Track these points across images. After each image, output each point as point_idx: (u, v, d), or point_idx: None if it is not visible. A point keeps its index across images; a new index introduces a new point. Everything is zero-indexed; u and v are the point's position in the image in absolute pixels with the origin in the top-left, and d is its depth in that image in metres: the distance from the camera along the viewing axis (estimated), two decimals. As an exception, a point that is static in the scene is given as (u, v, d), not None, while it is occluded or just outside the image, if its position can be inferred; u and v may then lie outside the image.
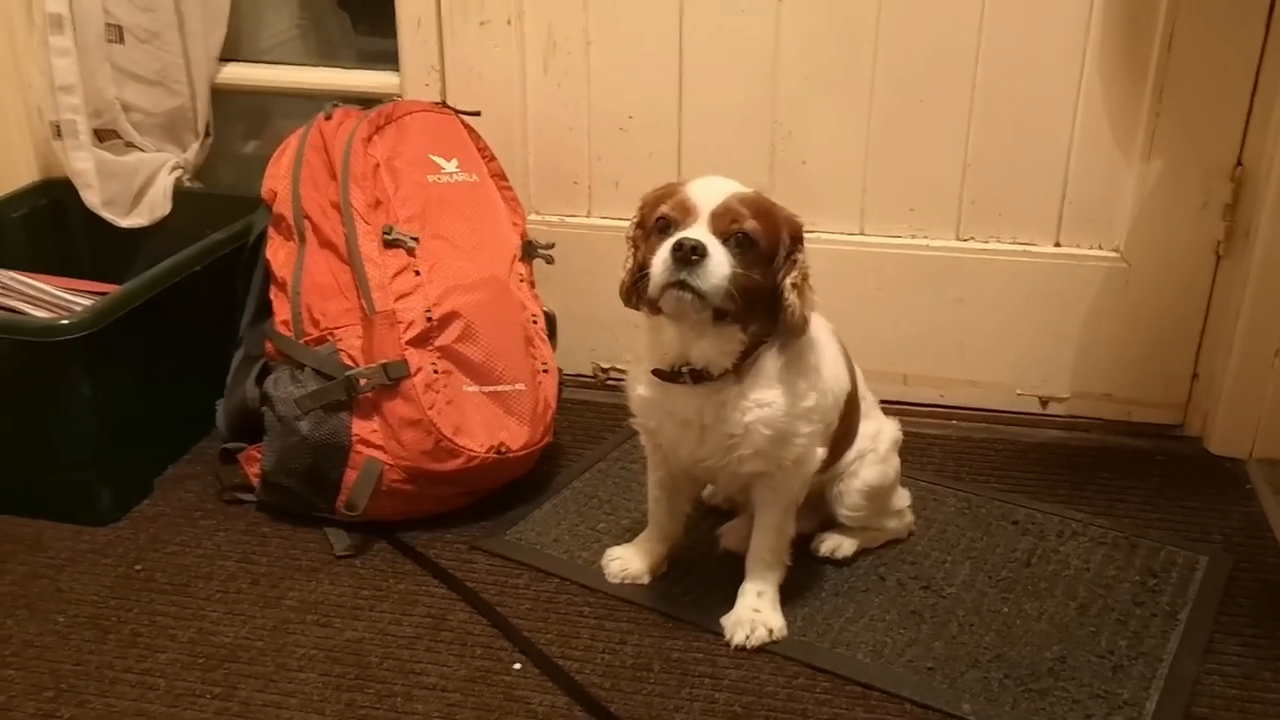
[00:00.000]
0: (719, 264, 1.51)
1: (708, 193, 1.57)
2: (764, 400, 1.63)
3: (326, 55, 2.73)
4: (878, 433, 1.87)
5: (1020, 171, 2.21)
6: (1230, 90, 2.08)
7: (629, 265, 1.64)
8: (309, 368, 1.96)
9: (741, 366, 1.62)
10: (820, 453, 1.70)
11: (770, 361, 1.63)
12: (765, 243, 1.56)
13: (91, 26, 2.24)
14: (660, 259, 1.52)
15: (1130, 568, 1.89)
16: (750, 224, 1.54)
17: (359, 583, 1.86)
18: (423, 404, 1.89)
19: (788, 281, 1.59)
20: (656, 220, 1.58)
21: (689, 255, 1.50)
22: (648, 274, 1.55)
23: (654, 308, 1.59)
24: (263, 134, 2.65)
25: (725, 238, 1.54)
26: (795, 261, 1.60)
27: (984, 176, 2.23)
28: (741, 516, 1.89)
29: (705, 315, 1.55)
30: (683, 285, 1.51)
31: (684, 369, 1.63)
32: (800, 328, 1.62)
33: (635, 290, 1.62)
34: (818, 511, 1.88)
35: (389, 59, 2.41)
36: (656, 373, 1.66)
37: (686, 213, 1.56)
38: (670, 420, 1.69)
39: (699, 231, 1.53)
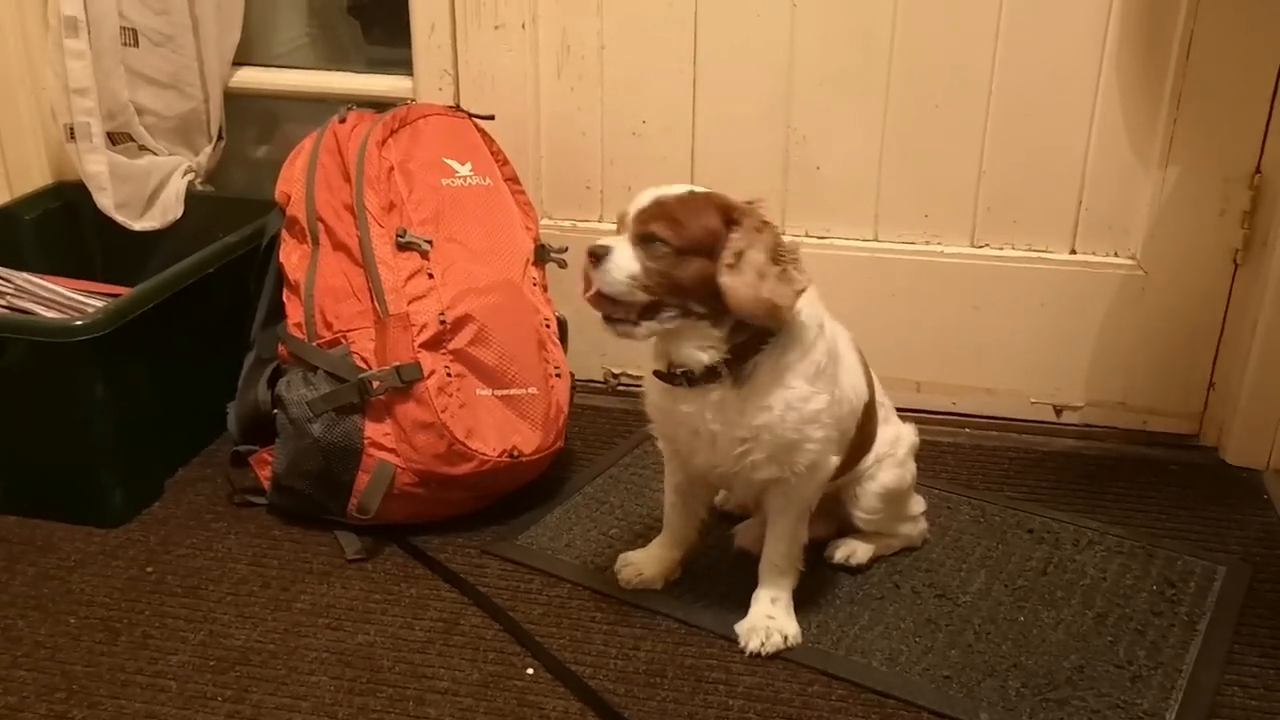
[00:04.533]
0: (617, 264, 1.57)
1: (637, 201, 1.61)
2: (763, 404, 1.62)
3: (337, 63, 2.72)
4: (896, 438, 1.87)
5: (1036, 178, 2.20)
6: (1250, 97, 2.06)
7: None
8: (321, 370, 1.95)
9: (739, 371, 1.61)
10: (834, 460, 1.69)
11: (769, 365, 1.62)
12: (679, 239, 1.55)
13: (106, 29, 2.23)
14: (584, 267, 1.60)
15: (1148, 577, 1.87)
16: (655, 225, 1.56)
17: (370, 586, 1.85)
18: (435, 407, 1.89)
19: (722, 264, 1.56)
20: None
21: (591, 258, 1.58)
22: None
23: None
24: (275, 138, 2.65)
25: (641, 240, 1.57)
26: (730, 242, 1.57)
27: (999, 182, 2.22)
28: (756, 517, 1.88)
29: (630, 314, 1.59)
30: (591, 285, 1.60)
31: (678, 371, 1.63)
32: (759, 313, 1.56)
33: None
34: (833, 517, 1.88)
35: (399, 67, 2.41)
36: (656, 374, 1.68)
37: (621, 223, 1.62)
38: (681, 427, 1.68)
39: (615, 238, 1.59)
